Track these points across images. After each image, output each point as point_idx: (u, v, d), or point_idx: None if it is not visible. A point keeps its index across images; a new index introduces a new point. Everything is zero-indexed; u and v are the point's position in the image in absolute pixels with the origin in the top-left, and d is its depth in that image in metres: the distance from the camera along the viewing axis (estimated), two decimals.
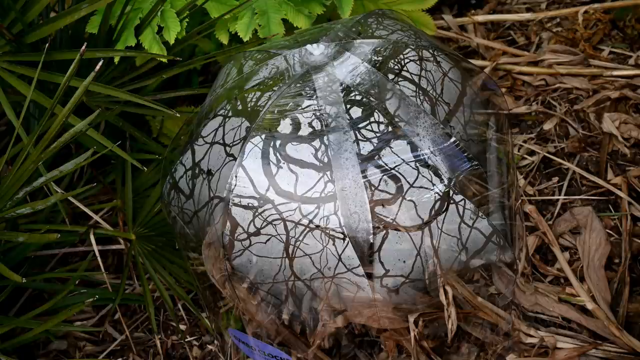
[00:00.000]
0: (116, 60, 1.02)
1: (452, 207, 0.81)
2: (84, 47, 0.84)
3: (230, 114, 0.88)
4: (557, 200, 1.10)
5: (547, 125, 1.21)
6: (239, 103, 0.88)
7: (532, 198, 1.11)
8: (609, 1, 1.39)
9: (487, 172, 0.90)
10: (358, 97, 0.83)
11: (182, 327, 1.07)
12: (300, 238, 0.80)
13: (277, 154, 0.81)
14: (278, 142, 0.82)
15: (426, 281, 0.84)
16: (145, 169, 1.00)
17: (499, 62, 1.32)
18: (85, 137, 0.95)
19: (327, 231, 0.79)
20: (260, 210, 0.81)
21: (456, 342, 0.94)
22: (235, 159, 0.83)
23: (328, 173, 0.79)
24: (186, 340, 1.05)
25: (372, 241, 0.80)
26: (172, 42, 1.00)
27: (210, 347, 1.04)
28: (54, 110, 0.87)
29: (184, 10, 1.02)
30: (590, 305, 0.96)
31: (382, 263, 0.81)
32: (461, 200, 0.81)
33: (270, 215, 0.80)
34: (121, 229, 1.08)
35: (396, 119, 0.82)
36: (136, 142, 1.14)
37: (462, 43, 1.40)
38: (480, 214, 0.83)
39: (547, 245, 1.04)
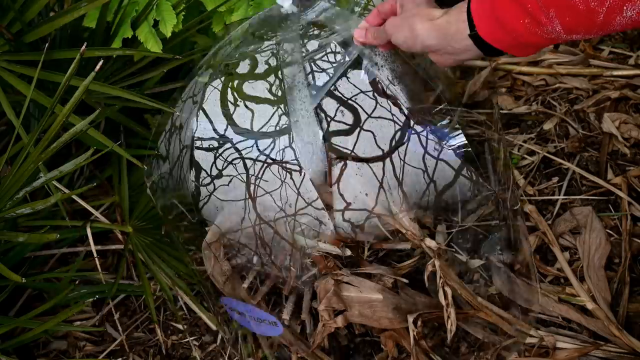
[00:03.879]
0: (114, 55, 1.01)
1: (414, 137, 0.80)
2: (84, 47, 0.84)
3: (202, 70, 0.89)
4: (557, 200, 1.10)
5: (547, 125, 1.21)
6: (212, 61, 0.89)
7: (532, 198, 1.11)
8: None
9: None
10: (316, 32, 0.83)
11: (183, 327, 1.07)
12: (260, 175, 0.80)
13: (235, 93, 0.82)
14: (236, 82, 0.82)
15: (392, 217, 0.82)
16: (142, 164, 1.00)
17: (499, 62, 1.32)
18: (85, 135, 0.95)
19: (284, 165, 0.79)
20: (220, 150, 0.82)
21: (456, 342, 0.94)
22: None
23: (282, 106, 0.79)
24: (186, 340, 1.05)
25: (329, 172, 0.79)
26: (168, 34, 1.00)
27: (210, 347, 1.04)
28: (54, 109, 0.86)
29: (179, 3, 1.02)
30: (590, 305, 0.96)
31: (342, 195, 0.80)
32: (423, 131, 0.80)
33: (230, 155, 0.81)
34: (119, 223, 1.08)
35: (352, 48, 0.80)
36: (133, 137, 1.13)
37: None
38: (445, 144, 0.81)
39: (547, 245, 1.04)
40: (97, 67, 0.82)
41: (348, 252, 0.85)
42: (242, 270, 0.93)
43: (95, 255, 1.03)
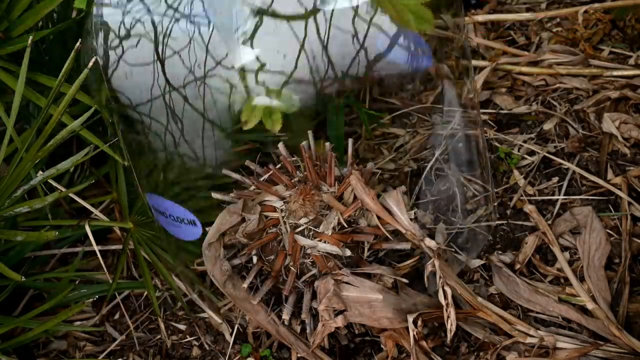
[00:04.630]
0: None
1: None
2: (78, 44, 0.83)
3: None
4: (557, 200, 1.10)
5: (547, 125, 1.21)
6: None
7: (532, 198, 1.11)
8: (609, 1, 1.38)
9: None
10: None
11: (183, 327, 1.07)
12: (168, 33, 0.72)
13: None
14: None
15: (314, 84, 0.73)
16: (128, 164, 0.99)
17: (499, 62, 1.32)
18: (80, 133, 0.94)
19: (192, 19, 0.70)
20: (128, 7, 0.74)
21: (456, 342, 0.94)
22: None
23: None
24: (186, 340, 1.05)
25: (239, 26, 0.70)
26: None
27: (210, 347, 1.04)
28: (49, 105, 0.86)
29: None
30: (590, 305, 0.96)
31: (257, 57, 0.71)
32: None
33: (138, 11, 0.74)
34: (118, 220, 1.08)
35: None
36: None
37: (462, 43, 1.40)
38: (380, 9, 0.71)
39: (547, 245, 1.04)
40: (90, 64, 0.81)
41: (348, 252, 0.85)
42: (242, 270, 0.93)
43: (97, 252, 1.02)
